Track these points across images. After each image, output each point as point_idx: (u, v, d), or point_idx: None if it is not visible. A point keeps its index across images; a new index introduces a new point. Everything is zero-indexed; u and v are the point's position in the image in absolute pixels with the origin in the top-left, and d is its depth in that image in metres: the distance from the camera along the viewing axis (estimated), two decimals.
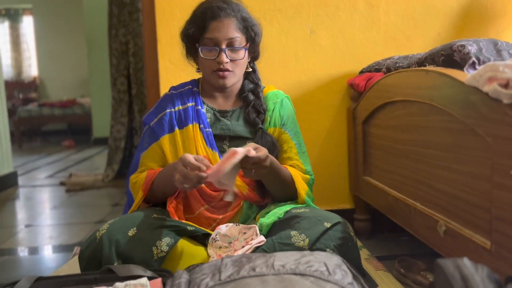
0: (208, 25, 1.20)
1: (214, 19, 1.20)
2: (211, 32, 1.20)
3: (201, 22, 1.22)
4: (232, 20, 1.21)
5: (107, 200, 2.84)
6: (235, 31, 1.21)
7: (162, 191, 1.22)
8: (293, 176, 1.24)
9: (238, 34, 1.22)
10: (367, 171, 1.73)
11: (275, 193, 1.26)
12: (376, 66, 1.70)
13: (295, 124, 1.34)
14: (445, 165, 1.12)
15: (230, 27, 1.20)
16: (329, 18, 1.86)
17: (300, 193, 1.23)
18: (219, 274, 0.82)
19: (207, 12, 1.21)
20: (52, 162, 4.61)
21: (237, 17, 1.22)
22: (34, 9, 7.42)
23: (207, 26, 1.20)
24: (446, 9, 1.91)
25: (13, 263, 1.80)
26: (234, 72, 1.24)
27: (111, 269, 0.96)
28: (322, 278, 0.80)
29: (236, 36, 1.21)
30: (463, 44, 1.12)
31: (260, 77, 1.36)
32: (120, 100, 3.42)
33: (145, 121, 1.31)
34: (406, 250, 1.66)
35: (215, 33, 1.20)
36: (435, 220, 1.14)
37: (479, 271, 0.58)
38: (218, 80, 1.24)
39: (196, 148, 1.24)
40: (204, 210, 1.23)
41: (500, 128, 0.86)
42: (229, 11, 1.21)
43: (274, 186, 1.23)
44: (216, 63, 1.21)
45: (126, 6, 3.32)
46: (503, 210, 0.87)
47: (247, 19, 1.25)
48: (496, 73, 0.86)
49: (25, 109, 6.22)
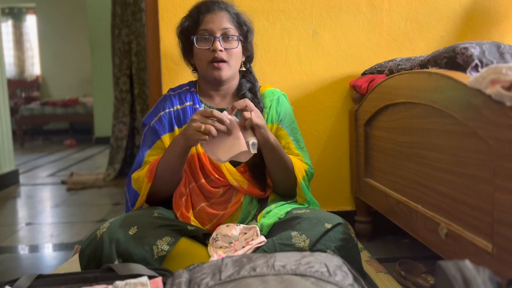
0: (202, 18, 1.26)
1: (208, 12, 1.27)
2: (205, 23, 1.26)
3: (196, 16, 1.28)
4: (225, 13, 1.28)
5: (108, 199, 2.84)
6: (229, 22, 1.27)
7: (169, 171, 1.21)
8: (292, 160, 1.26)
9: (232, 26, 1.27)
10: (368, 173, 1.72)
11: (277, 177, 1.26)
12: (379, 68, 1.69)
13: (292, 121, 1.35)
14: (447, 168, 1.12)
15: (223, 19, 1.27)
16: (332, 19, 1.86)
17: (297, 175, 1.24)
18: (220, 273, 0.82)
19: (201, 7, 1.29)
20: (53, 161, 4.61)
21: (230, 12, 1.29)
22: (37, 8, 7.45)
23: (202, 19, 1.26)
24: (450, 12, 1.91)
25: (14, 261, 1.80)
26: (229, 64, 1.27)
27: (112, 267, 0.96)
28: (323, 279, 0.80)
29: (230, 27, 1.27)
30: (466, 46, 1.12)
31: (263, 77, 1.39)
32: (122, 99, 3.43)
33: (145, 122, 1.33)
34: (407, 253, 1.66)
35: (209, 24, 1.25)
36: (437, 223, 1.14)
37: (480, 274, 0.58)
38: (214, 72, 1.26)
39: (196, 146, 1.25)
40: (205, 205, 1.24)
41: (502, 131, 0.86)
42: (222, 5, 1.29)
43: (275, 167, 1.24)
44: (211, 53, 1.24)
45: (130, 6, 3.33)
46: (504, 213, 0.87)
47: (239, 15, 1.32)
48: (499, 75, 0.85)
49: (27, 107, 6.24)
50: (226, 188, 1.26)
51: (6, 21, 7.42)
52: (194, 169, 1.26)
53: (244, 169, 1.27)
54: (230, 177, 1.23)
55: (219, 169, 1.25)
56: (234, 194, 1.26)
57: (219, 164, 1.24)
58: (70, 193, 3.02)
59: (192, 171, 1.27)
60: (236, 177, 1.24)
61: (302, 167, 1.28)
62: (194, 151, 1.26)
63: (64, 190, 3.13)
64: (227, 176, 1.24)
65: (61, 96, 7.04)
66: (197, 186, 1.26)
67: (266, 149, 1.20)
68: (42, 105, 6.32)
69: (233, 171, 1.25)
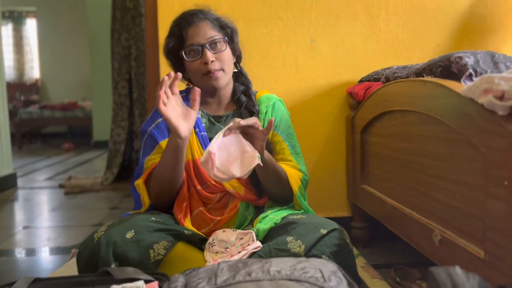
0: (186, 33, 1.25)
1: (190, 26, 1.25)
2: (190, 38, 1.25)
3: (178, 33, 1.26)
4: (206, 22, 1.27)
5: (106, 203, 2.84)
6: (212, 30, 1.26)
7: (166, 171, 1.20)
8: (286, 171, 1.24)
9: (216, 32, 1.27)
10: (364, 179, 1.74)
11: (271, 190, 1.26)
12: (375, 75, 1.71)
13: (288, 126, 1.35)
14: (441, 175, 1.13)
15: (206, 28, 1.26)
16: (330, 27, 1.88)
17: (292, 186, 1.23)
18: (215, 278, 0.83)
19: (181, 23, 1.27)
20: (51, 165, 4.61)
21: (209, 19, 1.28)
22: (38, 12, 7.47)
23: (185, 34, 1.25)
24: (446, 20, 1.93)
25: (10, 264, 1.80)
26: (223, 70, 1.26)
27: (108, 271, 0.97)
28: (317, 284, 0.81)
29: (215, 35, 1.26)
30: (461, 55, 1.13)
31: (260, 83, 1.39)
32: (121, 104, 3.44)
33: (144, 128, 1.33)
34: (402, 259, 1.66)
35: (194, 38, 1.25)
36: (431, 229, 1.15)
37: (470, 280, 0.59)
38: (211, 82, 1.26)
39: (192, 152, 1.26)
40: (202, 210, 1.25)
41: (494, 139, 0.87)
42: (201, 15, 1.28)
43: (269, 182, 1.24)
44: (204, 65, 1.24)
45: (130, 11, 3.34)
46: (496, 220, 0.88)
47: (219, 19, 1.31)
48: (492, 85, 0.87)
49: (26, 111, 6.24)
50: (222, 194, 1.26)
51: (6, 24, 7.44)
52: (189, 176, 1.26)
53: None
54: (226, 184, 1.24)
55: None
56: (231, 200, 1.26)
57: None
58: (67, 197, 3.03)
59: (187, 178, 1.27)
60: (232, 183, 1.24)
61: (297, 176, 1.27)
62: (189, 158, 1.26)
63: (61, 193, 3.13)
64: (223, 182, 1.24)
65: (60, 100, 7.04)
66: (195, 191, 1.26)
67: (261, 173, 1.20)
68: (41, 109, 6.32)
69: None
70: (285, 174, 1.24)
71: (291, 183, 1.23)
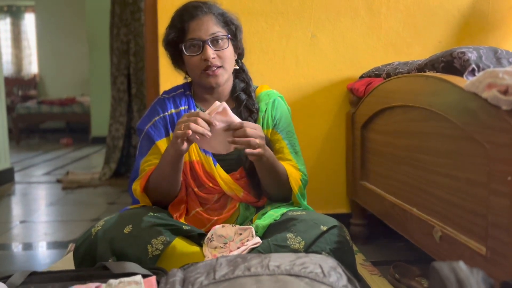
0: (188, 26, 1.19)
1: (193, 19, 1.19)
2: (192, 32, 1.19)
3: (180, 25, 1.20)
4: (210, 17, 1.20)
5: (104, 199, 2.83)
6: (215, 26, 1.20)
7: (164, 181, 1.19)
8: (286, 169, 1.22)
9: (219, 29, 1.21)
10: (364, 176, 1.73)
11: (271, 189, 1.24)
12: (376, 71, 1.70)
13: (288, 124, 1.31)
14: (442, 171, 1.12)
15: (210, 23, 1.19)
16: (331, 22, 1.87)
17: (292, 186, 1.21)
18: (214, 273, 0.82)
19: (184, 14, 1.21)
20: (49, 160, 4.60)
21: (214, 13, 1.21)
22: (36, 6, 7.43)
23: (187, 27, 1.19)
24: (448, 17, 1.92)
25: (7, 258, 1.79)
26: (224, 68, 1.22)
27: (106, 265, 0.96)
28: (317, 279, 0.80)
29: (218, 31, 1.20)
30: (463, 51, 1.12)
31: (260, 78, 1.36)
32: (120, 99, 3.43)
33: (140, 126, 1.29)
34: (401, 256, 1.66)
35: (196, 32, 1.19)
36: (431, 226, 1.14)
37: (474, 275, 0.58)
38: (210, 79, 1.21)
39: (189, 154, 1.23)
40: (199, 210, 1.23)
41: (498, 135, 0.86)
42: (205, 9, 1.21)
43: (269, 180, 1.21)
44: (203, 61, 1.19)
45: (129, 5, 3.33)
46: (499, 216, 0.87)
47: (224, 13, 1.24)
48: (496, 79, 0.86)
49: (24, 106, 6.21)
50: (220, 195, 1.24)
51: (4, 19, 7.40)
52: (186, 177, 1.24)
53: (240, 176, 1.24)
54: (224, 186, 1.21)
55: (212, 177, 1.22)
56: (229, 201, 1.24)
57: (212, 173, 1.21)
58: (65, 192, 3.01)
59: (184, 179, 1.24)
60: (230, 185, 1.22)
61: (297, 176, 1.24)
62: (186, 159, 1.23)
63: (59, 188, 3.12)
64: (221, 185, 1.21)
65: (58, 95, 7.02)
66: (192, 192, 1.24)
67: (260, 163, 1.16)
68: (39, 104, 6.30)
69: (227, 179, 1.22)
70: (286, 173, 1.22)
71: (291, 183, 1.21)
